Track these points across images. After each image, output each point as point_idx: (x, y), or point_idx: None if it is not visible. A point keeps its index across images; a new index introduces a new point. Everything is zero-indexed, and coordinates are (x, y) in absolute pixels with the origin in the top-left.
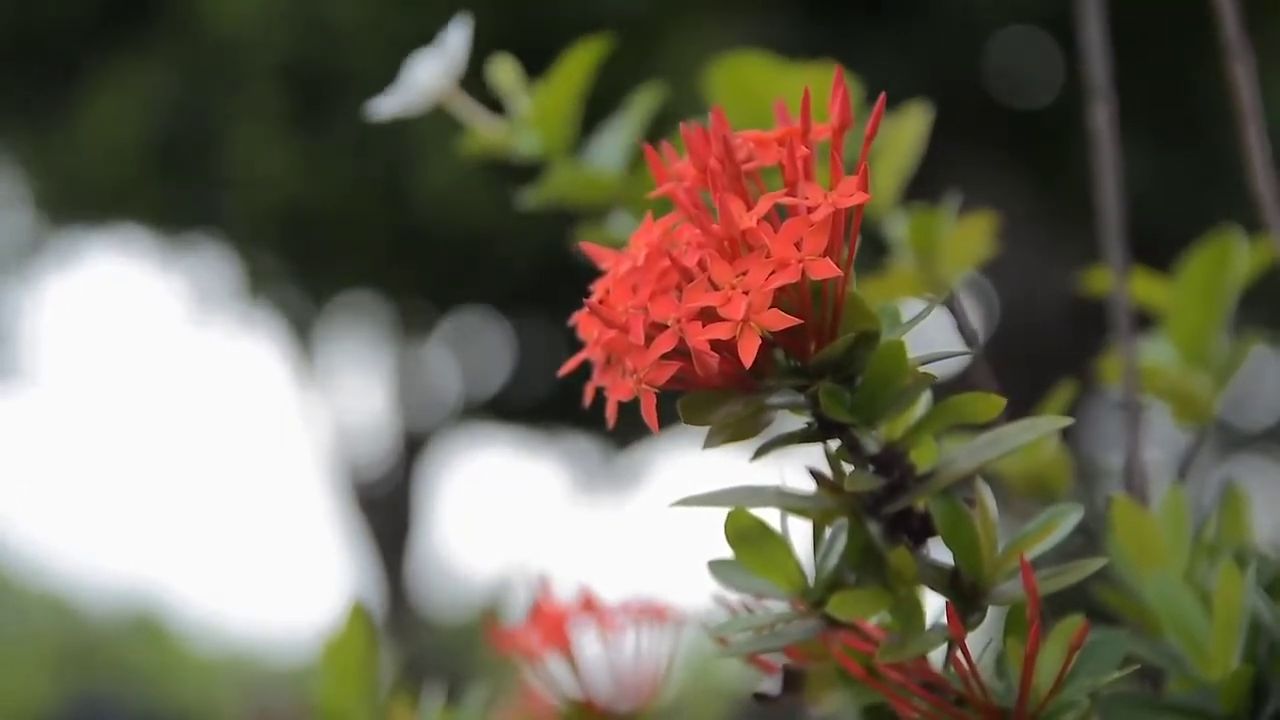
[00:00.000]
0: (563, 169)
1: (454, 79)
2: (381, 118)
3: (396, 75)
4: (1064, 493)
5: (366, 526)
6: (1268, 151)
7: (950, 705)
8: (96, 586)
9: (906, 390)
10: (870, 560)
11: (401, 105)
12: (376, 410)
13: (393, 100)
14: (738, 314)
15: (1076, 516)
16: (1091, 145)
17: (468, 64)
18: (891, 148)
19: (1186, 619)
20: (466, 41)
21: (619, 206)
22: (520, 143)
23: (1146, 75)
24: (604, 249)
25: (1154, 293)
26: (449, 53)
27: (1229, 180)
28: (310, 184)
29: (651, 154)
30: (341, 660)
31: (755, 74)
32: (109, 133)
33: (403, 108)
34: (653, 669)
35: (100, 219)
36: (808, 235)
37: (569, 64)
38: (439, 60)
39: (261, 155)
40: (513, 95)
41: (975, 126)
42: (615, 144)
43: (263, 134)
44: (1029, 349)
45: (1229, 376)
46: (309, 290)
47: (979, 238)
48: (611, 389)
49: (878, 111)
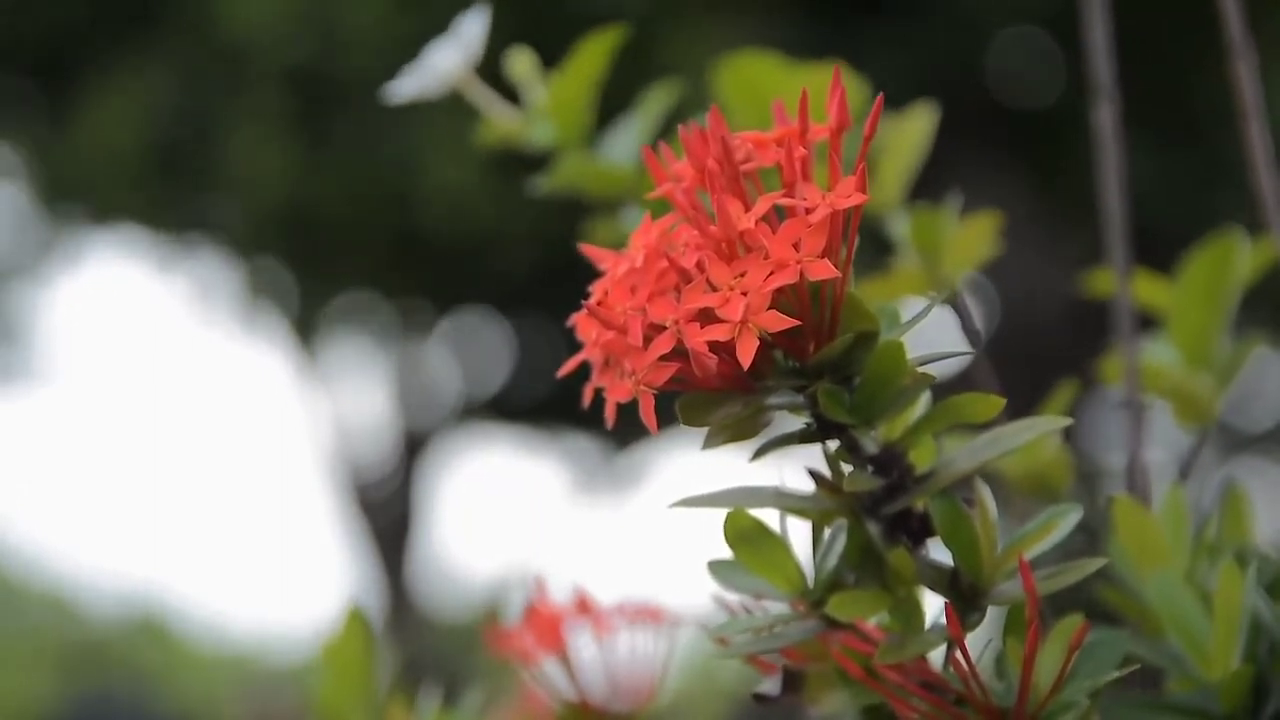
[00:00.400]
0: (577, 158)
1: (470, 66)
2: (397, 101)
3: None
4: (1065, 493)
5: (367, 526)
6: (1270, 151)
7: (950, 706)
8: (98, 586)
9: (905, 390)
10: (869, 561)
11: (418, 89)
12: (377, 410)
13: (409, 84)
14: (736, 315)
15: (1076, 516)
16: (1094, 145)
17: (482, 53)
18: (896, 147)
19: (1187, 619)
20: (484, 30)
21: (631, 200)
22: (535, 133)
23: (1148, 75)
24: (603, 250)
25: (1156, 293)
26: (466, 40)
27: (1231, 180)
28: (311, 186)
29: (650, 155)
30: (340, 661)
31: (762, 74)
32: (111, 134)
33: (419, 92)
34: (649, 670)
35: (102, 221)
36: (806, 236)
37: (584, 54)
38: (456, 47)
39: (263, 157)
40: (528, 85)
41: (976, 126)
42: (629, 138)
43: (264, 136)
44: (1029, 349)
45: (1231, 377)
46: (310, 291)
47: (982, 237)
48: (610, 390)
49: (875, 112)
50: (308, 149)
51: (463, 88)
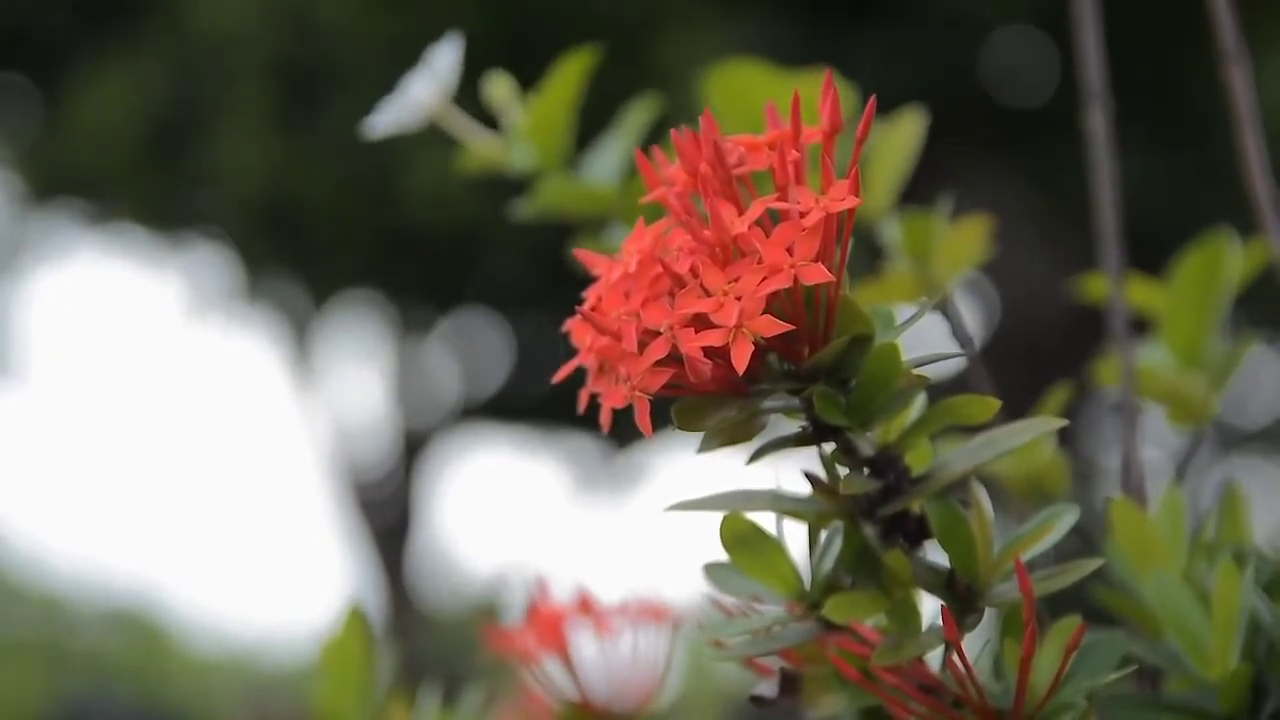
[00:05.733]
0: (557, 180)
1: (446, 96)
2: (375, 135)
3: (383, 74)
4: (1061, 494)
5: (366, 526)
6: (1264, 154)
7: (947, 707)
8: (93, 587)
9: (901, 393)
10: (866, 563)
11: (394, 122)
12: (376, 410)
13: (386, 117)
14: (730, 320)
15: (1073, 518)
16: (1087, 147)
17: (460, 74)
18: (886, 153)
19: (1185, 619)
20: (457, 59)
21: (615, 218)
22: (515, 157)
23: (1142, 77)
24: (597, 255)
25: (1149, 296)
26: (440, 70)
27: (1225, 182)
28: (298, 181)
29: (642, 159)
30: (339, 661)
31: (752, 82)
32: (98, 126)
33: (396, 125)
34: (650, 670)
35: (92, 214)
36: (800, 240)
37: (560, 75)
38: (430, 77)
39: (248, 152)
40: (506, 110)
41: (971, 127)
42: (611, 156)
43: (249, 130)
44: (1026, 350)
45: (1225, 378)
46: (306, 289)
47: (974, 240)
48: (605, 396)
49: (868, 114)
50: (291, 143)
51: (439, 118)
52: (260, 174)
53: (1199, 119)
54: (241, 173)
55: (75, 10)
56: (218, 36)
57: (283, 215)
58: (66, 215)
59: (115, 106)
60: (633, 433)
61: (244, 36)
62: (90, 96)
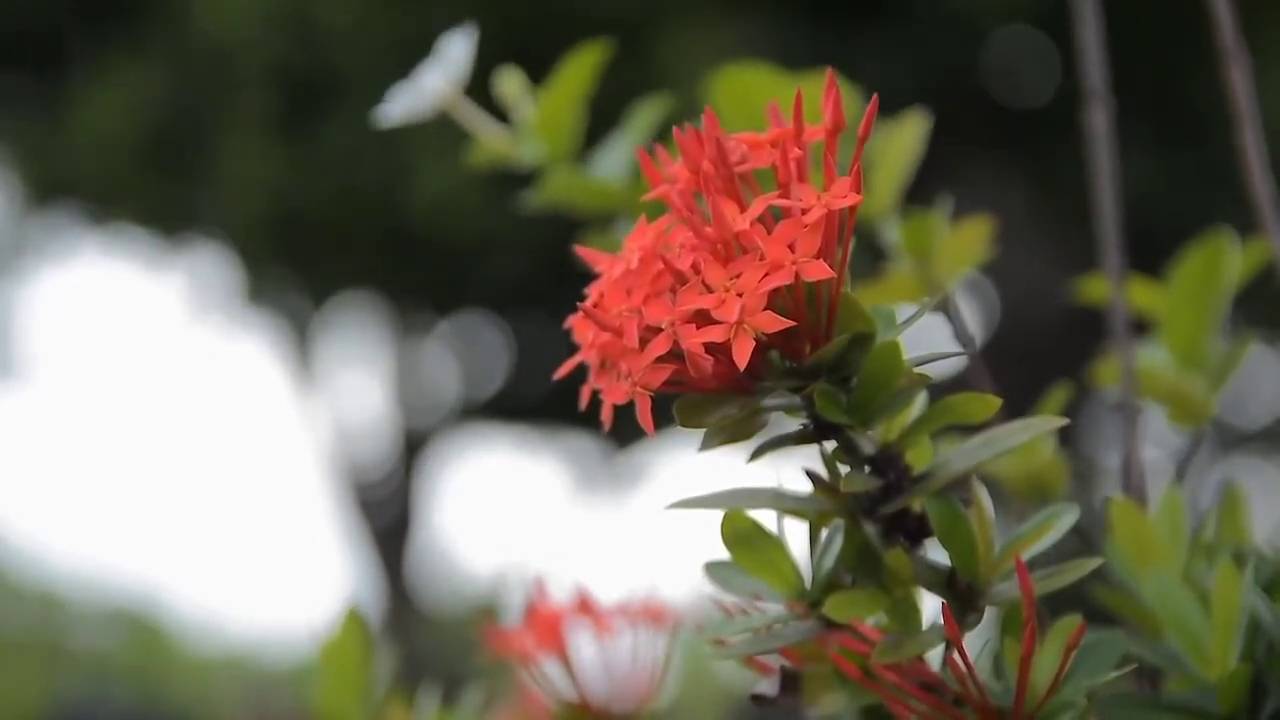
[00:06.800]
0: (565, 173)
1: (457, 86)
2: (385, 124)
3: (387, 79)
4: (1061, 494)
5: (366, 526)
6: (1264, 155)
7: (947, 706)
8: (93, 586)
9: (902, 391)
10: (867, 561)
11: (405, 111)
12: (376, 410)
13: (396, 106)
14: (732, 316)
15: (1073, 517)
16: (1088, 147)
17: (469, 71)
18: (889, 155)
19: (1185, 618)
20: (470, 49)
21: (623, 215)
22: (524, 151)
23: (1142, 77)
24: (599, 252)
25: (1149, 297)
26: (452, 60)
27: (1225, 182)
28: (301, 186)
29: (644, 157)
30: (338, 661)
31: (755, 84)
32: (100, 130)
33: (406, 114)
34: (649, 670)
35: (94, 217)
36: (801, 237)
37: (569, 70)
38: (442, 67)
39: (251, 157)
40: (516, 103)
41: (973, 126)
42: (620, 153)
43: (252, 135)
44: (1026, 350)
45: (1225, 378)
46: (306, 291)
47: (975, 241)
48: (607, 392)
49: (870, 113)
50: (292, 149)
51: (450, 108)
52: (262, 179)
53: (1199, 119)
54: (243, 178)
55: (77, 13)
56: (220, 41)
57: (284, 220)
58: (68, 216)
59: (117, 111)
60: (633, 432)
61: (246, 42)
62: (92, 101)
